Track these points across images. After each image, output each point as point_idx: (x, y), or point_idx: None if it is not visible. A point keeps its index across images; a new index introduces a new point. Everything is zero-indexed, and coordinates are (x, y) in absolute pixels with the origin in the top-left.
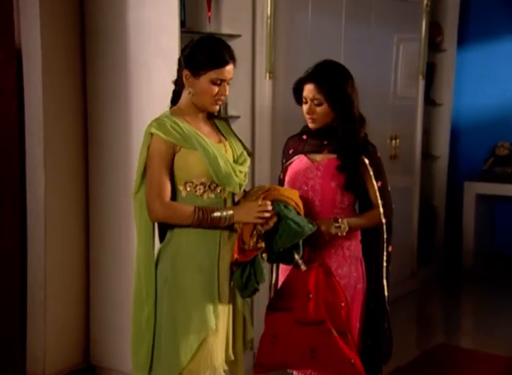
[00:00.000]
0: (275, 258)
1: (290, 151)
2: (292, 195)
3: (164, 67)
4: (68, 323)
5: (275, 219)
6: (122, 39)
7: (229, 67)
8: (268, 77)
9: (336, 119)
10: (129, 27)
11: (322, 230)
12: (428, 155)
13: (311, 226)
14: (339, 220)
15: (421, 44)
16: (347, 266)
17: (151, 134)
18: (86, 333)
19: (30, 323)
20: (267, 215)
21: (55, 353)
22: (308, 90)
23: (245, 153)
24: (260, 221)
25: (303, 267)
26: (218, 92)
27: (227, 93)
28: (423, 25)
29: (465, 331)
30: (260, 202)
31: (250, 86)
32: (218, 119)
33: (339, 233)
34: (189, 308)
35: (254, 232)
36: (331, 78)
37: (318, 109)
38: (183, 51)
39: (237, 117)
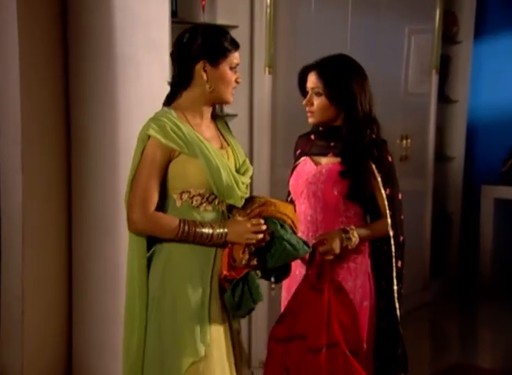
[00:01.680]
0: (266, 275)
1: (298, 152)
2: (288, 212)
3: (154, 62)
4: (48, 338)
5: (268, 238)
6: (108, 31)
7: (237, 51)
8: (267, 72)
9: (342, 117)
10: (115, 18)
11: (331, 247)
12: (441, 156)
13: (306, 248)
14: (350, 231)
15: (435, 36)
16: (352, 280)
17: (148, 136)
18: (67, 349)
19: (5, 338)
20: (260, 236)
21: (34, 371)
22: (310, 78)
23: (248, 161)
24: (253, 242)
25: (273, 293)
26: (236, 79)
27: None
28: (437, 15)
29: (482, 349)
30: (254, 222)
31: (247, 81)
32: (218, 119)
33: (349, 246)
34: (177, 330)
35: (246, 249)
36: (335, 68)
37: (317, 101)
38: (191, 43)
39: (234, 115)
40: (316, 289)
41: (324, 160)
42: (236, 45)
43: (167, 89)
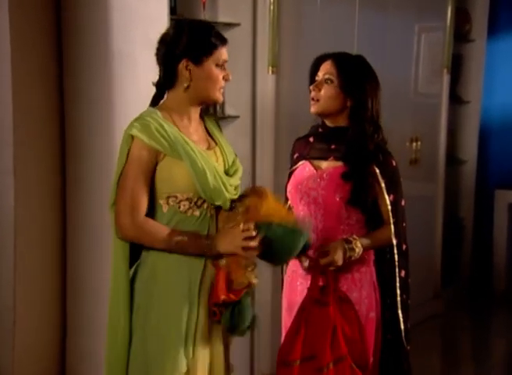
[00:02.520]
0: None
1: (295, 156)
2: (272, 210)
3: (152, 60)
4: (40, 350)
5: (259, 248)
6: (104, 28)
7: (225, 47)
8: (270, 72)
9: (347, 114)
10: (111, 15)
11: (333, 259)
12: (453, 160)
13: (303, 239)
14: (353, 242)
15: (446, 34)
16: (357, 290)
17: (132, 137)
18: (61, 363)
19: None
20: (253, 244)
21: None
22: (323, 67)
23: (238, 161)
24: (244, 252)
25: (305, 264)
26: (224, 76)
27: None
28: (448, 12)
29: (497, 362)
30: (243, 226)
31: (250, 82)
32: (207, 117)
33: (353, 257)
34: (164, 344)
35: (247, 270)
36: (352, 61)
37: (326, 87)
38: (173, 41)
39: (236, 117)
40: (321, 302)
41: (324, 164)
42: (222, 41)
43: None
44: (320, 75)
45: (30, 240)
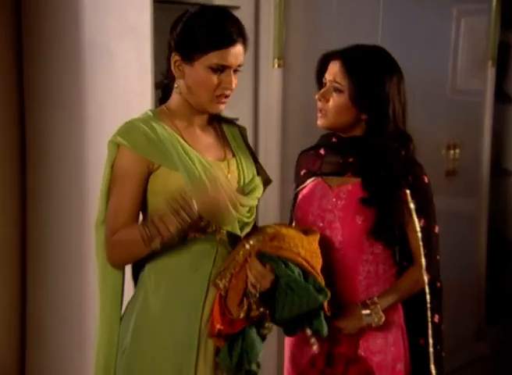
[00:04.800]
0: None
1: (302, 172)
2: (300, 247)
3: (131, 51)
4: None
5: (271, 278)
6: (74, 14)
7: (237, 49)
8: (276, 65)
9: (363, 126)
10: None
11: (345, 328)
12: (499, 170)
13: (321, 297)
14: (371, 307)
15: (491, 19)
16: (382, 336)
17: (118, 145)
18: None
19: None
20: (263, 281)
21: None
22: (331, 69)
23: (257, 179)
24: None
25: (314, 347)
26: (219, 84)
27: (234, 85)
28: None
29: None
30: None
31: (251, 77)
32: (227, 124)
33: (373, 324)
34: None
35: (244, 300)
36: (366, 61)
37: (334, 99)
38: (173, 28)
39: (234, 120)
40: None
41: (340, 181)
42: (227, 40)
43: (147, 85)
44: (327, 78)
45: None
